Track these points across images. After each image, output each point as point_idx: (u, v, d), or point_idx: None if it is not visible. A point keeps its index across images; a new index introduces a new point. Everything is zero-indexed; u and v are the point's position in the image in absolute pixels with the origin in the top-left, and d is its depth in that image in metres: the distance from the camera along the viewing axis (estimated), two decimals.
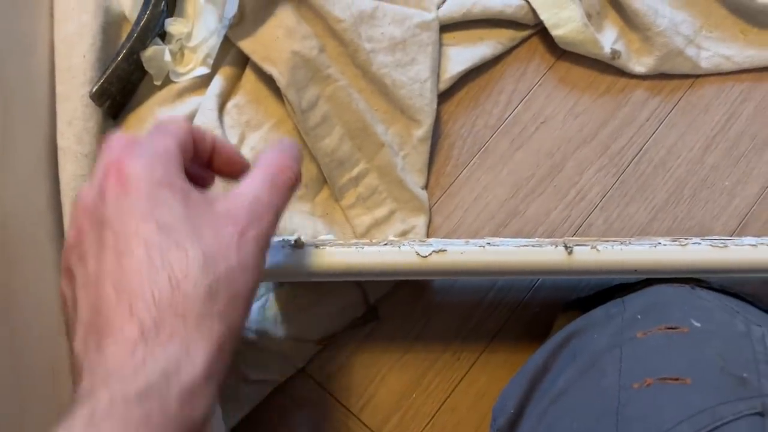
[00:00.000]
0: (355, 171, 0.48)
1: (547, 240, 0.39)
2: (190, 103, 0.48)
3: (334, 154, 0.48)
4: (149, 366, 0.22)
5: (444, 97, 0.52)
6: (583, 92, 0.53)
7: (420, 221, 0.49)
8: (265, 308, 0.46)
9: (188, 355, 0.22)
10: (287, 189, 0.28)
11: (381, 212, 0.49)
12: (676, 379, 0.32)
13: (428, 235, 0.50)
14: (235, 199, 0.26)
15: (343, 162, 0.48)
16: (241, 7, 0.47)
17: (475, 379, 0.48)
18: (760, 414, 0.30)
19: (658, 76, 0.54)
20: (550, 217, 0.51)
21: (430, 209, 0.51)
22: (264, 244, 0.26)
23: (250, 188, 0.27)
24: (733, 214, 0.52)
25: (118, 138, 0.26)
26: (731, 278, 0.43)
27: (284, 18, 0.46)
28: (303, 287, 0.46)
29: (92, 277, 0.24)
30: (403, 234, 0.49)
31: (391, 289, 0.49)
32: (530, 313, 0.50)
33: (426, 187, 0.51)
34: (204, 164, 0.30)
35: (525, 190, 0.51)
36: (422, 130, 0.49)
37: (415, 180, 0.49)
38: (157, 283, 0.23)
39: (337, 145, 0.48)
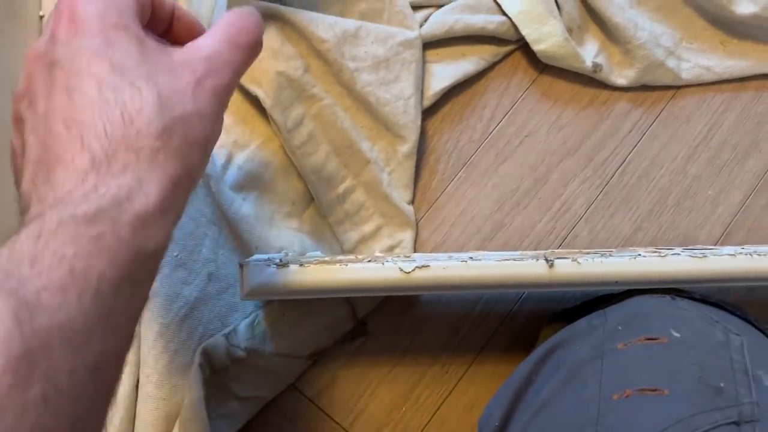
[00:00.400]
0: (342, 187, 0.49)
1: (529, 253, 0.40)
2: None
3: (321, 172, 0.48)
4: (100, 191, 0.21)
5: (429, 112, 0.53)
6: (565, 105, 0.54)
7: (407, 236, 0.50)
8: (254, 325, 0.46)
9: (141, 187, 0.22)
10: (247, 49, 0.28)
11: (368, 228, 0.50)
12: (654, 390, 0.33)
13: (415, 250, 0.51)
14: (193, 50, 0.26)
15: (329, 179, 0.49)
16: None
17: (464, 392, 0.49)
18: (736, 423, 0.30)
19: (640, 88, 0.54)
20: (535, 230, 0.52)
21: (417, 223, 0.51)
22: (222, 96, 0.26)
23: (208, 42, 0.27)
24: (717, 223, 0.53)
25: None
26: (712, 287, 0.44)
27: (269, 39, 0.47)
28: (291, 304, 0.47)
29: (41, 117, 0.23)
30: (391, 249, 0.50)
31: (380, 304, 0.49)
32: (517, 324, 0.50)
33: (412, 201, 0.51)
34: (163, 32, 0.30)
35: (510, 203, 0.52)
36: (407, 146, 0.50)
37: (401, 195, 0.50)
38: (110, 119, 0.22)
39: (324, 163, 0.48)
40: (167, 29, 0.30)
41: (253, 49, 0.28)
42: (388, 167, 0.50)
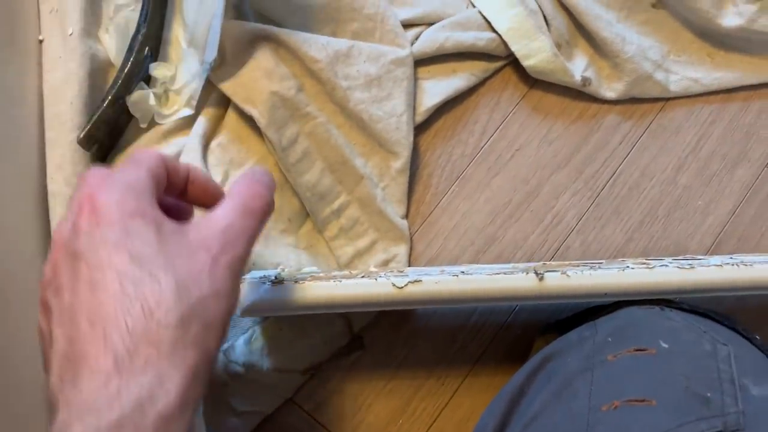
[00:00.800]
0: (337, 203, 0.50)
1: (519, 266, 0.41)
2: (175, 143, 0.50)
3: (316, 188, 0.49)
4: (123, 397, 0.22)
5: (421, 128, 0.54)
6: (556, 119, 0.55)
7: (401, 250, 0.51)
8: (252, 341, 0.47)
9: (162, 384, 0.23)
10: (260, 215, 0.29)
11: (363, 242, 0.50)
12: (642, 401, 0.33)
13: (410, 263, 0.51)
14: (208, 226, 0.27)
15: (324, 195, 0.50)
16: (222, 51, 0.49)
17: (459, 404, 0.49)
18: None
19: (629, 101, 0.55)
20: (528, 242, 0.52)
21: (411, 237, 0.52)
22: (238, 269, 0.27)
23: (222, 215, 0.28)
24: (707, 232, 0.53)
25: (92, 172, 0.27)
26: (701, 297, 0.44)
27: (263, 60, 0.48)
28: (288, 319, 0.48)
29: (67, 310, 0.24)
30: (385, 263, 0.50)
31: (375, 318, 0.50)
32: (512, 336, 0.51)
33: (406, 216, 0.52)
34: (179, 194, 0.31)
35: (503, 216, 0.53)
36: (400, 162, 0.51)
37: (395, 210, 0.51)
38: (131, 313, 0.23)
39: (318, 179, 0.49)
40: (183, 191, 0.31)
41: (266, 213, 0.30)
42: (381, 182, 0.51)
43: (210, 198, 0.32)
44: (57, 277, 0.26)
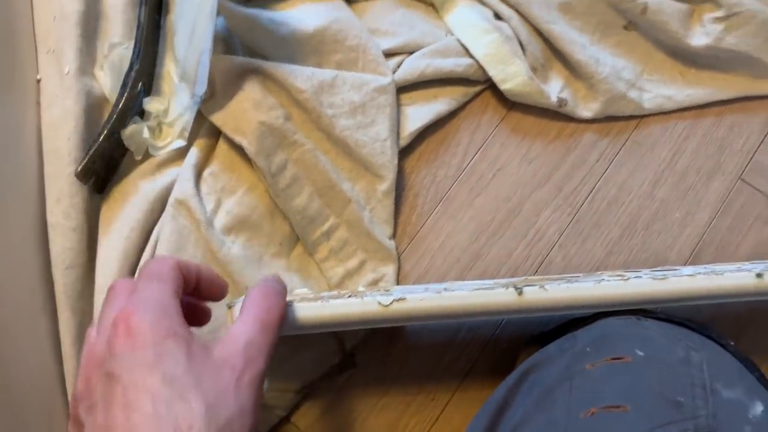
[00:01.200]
0: (326, 226, 0.52)
1: (500, 282, 0.43)
2: (168, 174, 0.52)
3: (305, 212, 0.51)
4: None
5: (406, 152, 0.56)
6: (534, 139, 0.57)
7: (389, 269, 0.52)
8: None
9: None
10: (276, 327, 0.32)
11: (352, 263, 0.52)
12: (618, 407, 0.35)
13: (398, 282, 0.53)
14: (230, 344, 0.29)
15: (314, 219, 0.51)
16: (212, 84, 0.51)
17: (449, 418, 0.51)
18: None
19: (605, 119, 0.58)
20: (511, 258, 0.54)
21: (399, 257, 0.54)
22: (259, 384, 0.29)
23: (242, 331, 0.30)
24: (685, 243, 0.55)
25: (120, 286, 0.29)
26: (679, 306, 0.46)
27: (251, 92, 0.50)
28: (281, 340, 0.49)
29: (101, 428, 0.26)
30: (375, 282, 0.52)
31: (366, 336, 0.52)
32: (499, 349, 0.52)
33: (394, 236, 0.54)
34: (192, 291, 0.34)
35: (486, 234, 0.55)
36: (386, 185, 0.53)
37: (382, 231, 0.53)
38: None
39: (307, 204, 0.51)
40: (195, 287, 0.34)
41: (282, 322, 0.32)
42: (368, 205, 0.53)
43: (216, 292, 0.35)
44: (90, 394, 0.27)
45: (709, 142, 0.58)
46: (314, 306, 0.41)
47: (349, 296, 0.42)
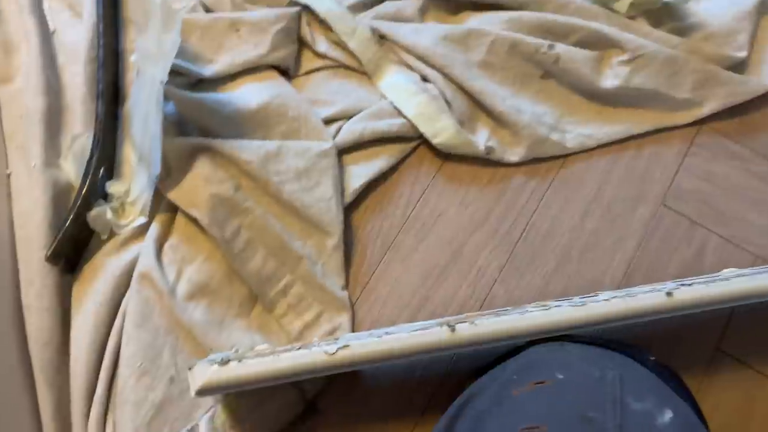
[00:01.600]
0: (282, 284, 0.56)
1: (434, 322, 0.47)
2: (132, 250, 0.56)
3: (261, 273, 0.56)
4: None
5: (352, 207, 0.60)
6: (469, 185, 0.62)
7: (344, 319, 0.56)
8: (214, 418, 0.52)
9: None
10: None
11: (309, 316, 0.56)
12: (537, 427, 0.39)
13: (354, 329, 0.57)
14: None
15: (269, 278, 0.56)
16: (167, 165, 0.56)
17: None
18: None
19: (532, 161, 0.63)
20: (457, 297, 0.58)
21: (353, 306, 0.58)
22: None
23: None
24: (617, 268, 0.60)
25: None
26: (610, 327, 0.50)
27: (201, 168, 0.55)
28: (244, 394, 0.53)
29: None
30: (332, 332, 0.56)
31: (327, 383, 0.55)
32: (453, 382, 0.56)
33: (346, 287, 0.58)
34: None
35: (433, 277, 0.59)
36: (334, 240, 0.57)
37: (335, 283, 0.57)
38: None
39: (262, 265, 0.56)
40: None
41: None
42: (320, 260, 0.57)
43: None
44: None
45: (630, 173, 0.63)
46: (267, 361, 0.45)
47: (299, 348, 0.46)
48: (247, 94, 0.59)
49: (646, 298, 0.47)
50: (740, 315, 0.59)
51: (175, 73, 0.60)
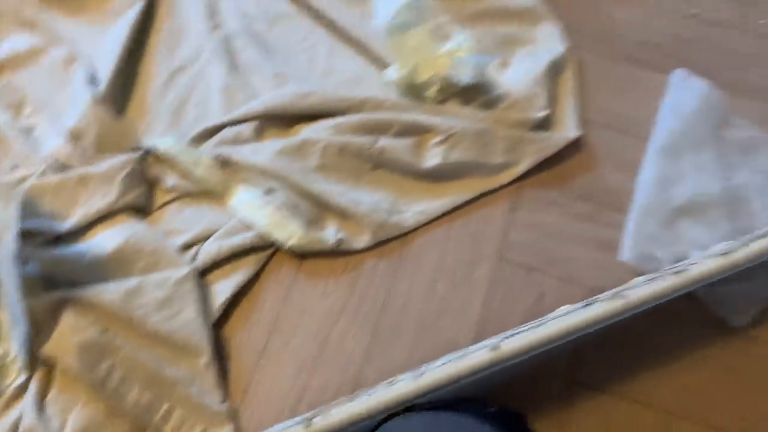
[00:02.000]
0: (162, 411, 0.60)
1: (294, 420, 0.52)
2: (16, 409, 0.59)
3: (140, 405, 0.59)
4: None
5: (221, 322, 0.65)
6: (327, 278, 0.68)
7: (227, 430, 0.60)
8: None
9: None
10: None
11: None
12: None
13: None
14: None
15: (149, 408, 0.59)
16: (36, 322, 0.60)
17: None
18: None
19: (379, 243, 0.70)
20: (330, 384, 0.63)
21: (237, 413, 0.62)
22: None
23: None
24: (469, 327, 0.66)
25: None
26: (462, 385, 0.56)
27: (67, 319, 0.59)
28: None
29: None
30: None
31: None
32: None
33: (226, 398, 0.62)
34: None
35: (306, 370, 0.64)
36: (205, 358, 0.62)
37: (213, 399, 0.61)
38: None
39: (139, 397, 0.59)
40: None
41: None
42: (195, 380, 0.61)
43: None
44: None
45: (466, 237, 0.70)
46: None
47: None
48: (102, 241, 0.64)
49: (473, 357, 0.53)
50: (589, 343, 0.66)
51: (34, 234, 0.64)
